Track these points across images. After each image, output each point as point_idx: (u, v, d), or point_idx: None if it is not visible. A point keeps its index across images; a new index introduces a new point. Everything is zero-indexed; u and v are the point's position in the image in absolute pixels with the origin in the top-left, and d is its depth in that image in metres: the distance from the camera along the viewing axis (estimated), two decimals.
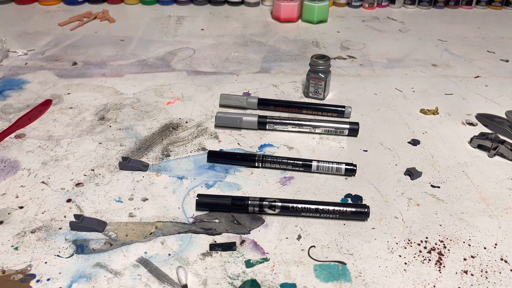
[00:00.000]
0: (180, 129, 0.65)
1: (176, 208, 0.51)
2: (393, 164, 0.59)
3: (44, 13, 1.10)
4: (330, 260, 0.45)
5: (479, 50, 0.94)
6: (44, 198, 0.52)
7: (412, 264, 0.45)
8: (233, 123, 0.65)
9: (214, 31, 1.01)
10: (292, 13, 1.06)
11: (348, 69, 0.84)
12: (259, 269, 0.44)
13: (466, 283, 0.43)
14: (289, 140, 0.64)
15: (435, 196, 0.54)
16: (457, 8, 1.19)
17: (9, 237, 0.47)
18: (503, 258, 0.46)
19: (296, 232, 0.49)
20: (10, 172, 0.56)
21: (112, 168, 0.57)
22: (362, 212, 0.49)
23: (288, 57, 0.88)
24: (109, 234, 0.48)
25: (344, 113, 0.68)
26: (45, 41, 0.93)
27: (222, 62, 0.86)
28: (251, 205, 0.50)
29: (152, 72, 0.81)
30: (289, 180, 0.56)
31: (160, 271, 0.44)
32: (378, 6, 1.18)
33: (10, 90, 0.74)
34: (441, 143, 0.64)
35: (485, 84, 0.80)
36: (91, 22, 1.05)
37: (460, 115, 0.70)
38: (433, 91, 0.77)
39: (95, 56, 0.87)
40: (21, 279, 0.43)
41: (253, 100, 0.70)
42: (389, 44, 0.96)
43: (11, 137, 0.63)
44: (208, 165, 0.58)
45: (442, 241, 0.48)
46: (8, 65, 0.83)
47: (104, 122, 0.66)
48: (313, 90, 0.73)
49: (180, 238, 0.47)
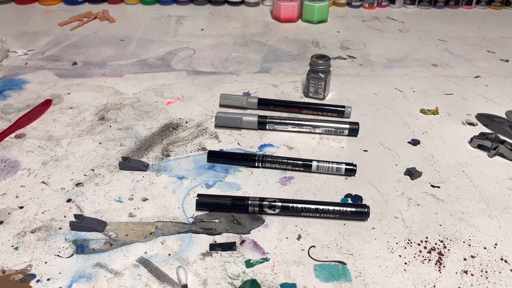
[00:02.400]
0: (180, 129, 0.65)
1: (176, 208, 0.51)
2: (393, 164, 0.59)
3: (44, 13, 1.10)
4: (330, 260, 0.45)
5: (479, 50, 0.94)
6: (44, 198, 0.52)
7: (412, 264, 0.45)
8: (233, 123, 0.65)
9: (214, 31, 1.01)
10: (292, 13, 1.06)
11: (348, 69, 0.84)
12: (259, 269, 0.44)
13: (466, 283, 0.43)
14: (289, 140, 0.64)
15: (435, 196, 0.54)
16: (457, 8, 1.19)
17: (9, 237, 0.47)
18: (503, 258, 0.46)
19: (296, 232, 0.49)
20: (10, 172, 0.56)
21: (112, 168, 0.57)
22: (362, 212, 0.49)
23: (288, 57, 0.88)
24: (109, 234, 0.48)
25: (344, 113, 0.68)
26: (45, 41, 0.93)
27: (222, 62, 0.86)
28: (251, 205, 0.50)
29: (152, 72, 0.81)
30: (289, 180, 0.56)
31: (160, 271, 0.44)
32: (378, 6, 1.18)
33: (10, 90, 0.74)
34: (441, 143, 0.64)
35: (485, 84, 0.80)
36: (91, 22, 1.05)
37: (460, 115, 0.70)
38: (433, 91, 0.77)
39: (95, 56, 0.87)
40: (21, 279, 0.43)
41: (253, 100, 0.70)
42: (389, 44, 0.96)
43: (11, 137, 0.63)
44: (208, 165, 0.58)
45: (442, 241, 0.48)
46: (8, 65, 0.83)
47: (104, 122, 0.66)
48: (313, 90, 0.72)
49: (180, 238, 0.48)
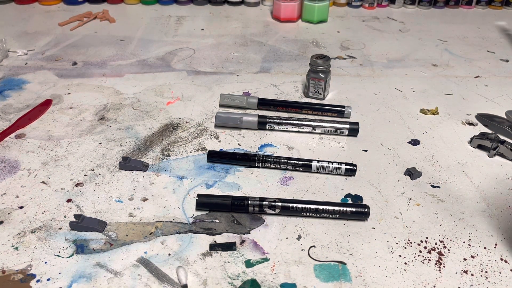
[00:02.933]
0: (180, 129, 0.65)
1: (176, 208, 0.51)
2: (393, 164, 0.59)
3: (44, 13, 1.10)
4: (330, 260, 0.45)
5: (479, 50, 0.94)
6: (44, 198, 0.52)
7: (412, 264, 0.45)
8: (233, 123, 0.65)
9: (214, 31, 1.01)
10: (292, 13, 1.06)
11: (348, 69, 0.84)
12: (259, 269, 0.44)
13: (466, 283, 0.43)
14: (289, 140, 0.64)
15: (435, 196, 0.54)
16: (457, 8, 1.19)
17: (9, 237, 0.47)
18: (503, 258, 0.46)
19: (296, 232, 0.49)
20: (10, 172, 0.56)
21: (112, 168, 0.57)
22: (362, 212, 0.49)
23: (288, 57, 0.88)
24: (109, 234, 0.48)
25: (344, 113, 0.68)
26: (45, 41, 0.93)
27: (222, 62, 0.86)
28: (251, 205, 0.50)
29: (152, 72, 0.81)
30: (289, 180, 0.56)
31: (160, 271, 0.44)
32: (378, 6, 1.18)
33: (10, 90, 0.74)
34: (441, 143, 0.64)
35: (485, 84, 0.80)
36: (91, 22, 1.05)
37: (460, 115, 0.70)
38: (433, 91, 0.77)
39: (95, 56, 0.87)
40: (21, 279, 0.43)
41: (253, 100, 0.70)
42: (389, 44, 0.96)
43: (11, 137, 0.63)
44: (208, 165, 0.58)
45: (442, 241, 0.48)
46: (8, 65, 0.83)
47: (104, 122, 0.66)
48: (313, 90, 0.72)
49: (180, 238, 0.48)
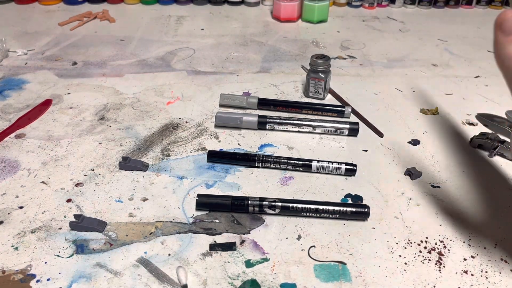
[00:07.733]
0: (180, 129, 0.65)
1: (176, 208, 0.51)
2: (393, 164, 0.59)
3: (44, 13, 1.09)
4: (330, 260, 0.45)
5: (479, 50, 0.94)
6: (44, 198, 0.52)
7: (412, 264, 0.45)
8: (233, 123, 0.65)
9: (214, 31, 1.01)
10: (292, 13, 1.06)
11: (348, 69, 0.84)
12: (259, 269, 0.44)
13: (466, 283, 0.43)
14: (289, 140, 0.64)
15: (435, 196, 0.54)
16: (457, 8, 1.19)
17: (9, 237, 0.47)
18: (503, 258, 0.46)
19: (296, 232, 0.49)
20: (10, 172, 0.56)
21: (112, 168, 0.57)
22: (362, 212, 0.49)
23: (288, 57, 0.88)
24: (109, 234, 0.48)
25: (344, 113, 0.68)
26: (45, 41, 0.93)
27: (222, 62, 0.86)
28: (251, 205, 0.50)
29: (152, 72, 0.81)
30: (289, 180, 0.56)
31: (160, 271, 0.44)
32: (378, 6, 1.18)
33: (10, 90, 0.74)
34: (441, 143, 0.64)
35: (485, 84, 0.80)
36: (91, 22, 1.05)
37: (460, 115, 0.70)
38: (433, 91, 0.77)
39: (95, 56, 0.87)
40: (21, 279, 0.43)
41: (253, 100, 0.70)
42: (389, 44, 0.96)
43: (11, 137, 0.63)
44: (208, 165, 0.58)
45: (442, 241, 0.48)
46: (8, 65, 0.83)
47: (104, 122, 0.66)
48: (313, 90, 0.72)
49: (180, 238, 0.47)
